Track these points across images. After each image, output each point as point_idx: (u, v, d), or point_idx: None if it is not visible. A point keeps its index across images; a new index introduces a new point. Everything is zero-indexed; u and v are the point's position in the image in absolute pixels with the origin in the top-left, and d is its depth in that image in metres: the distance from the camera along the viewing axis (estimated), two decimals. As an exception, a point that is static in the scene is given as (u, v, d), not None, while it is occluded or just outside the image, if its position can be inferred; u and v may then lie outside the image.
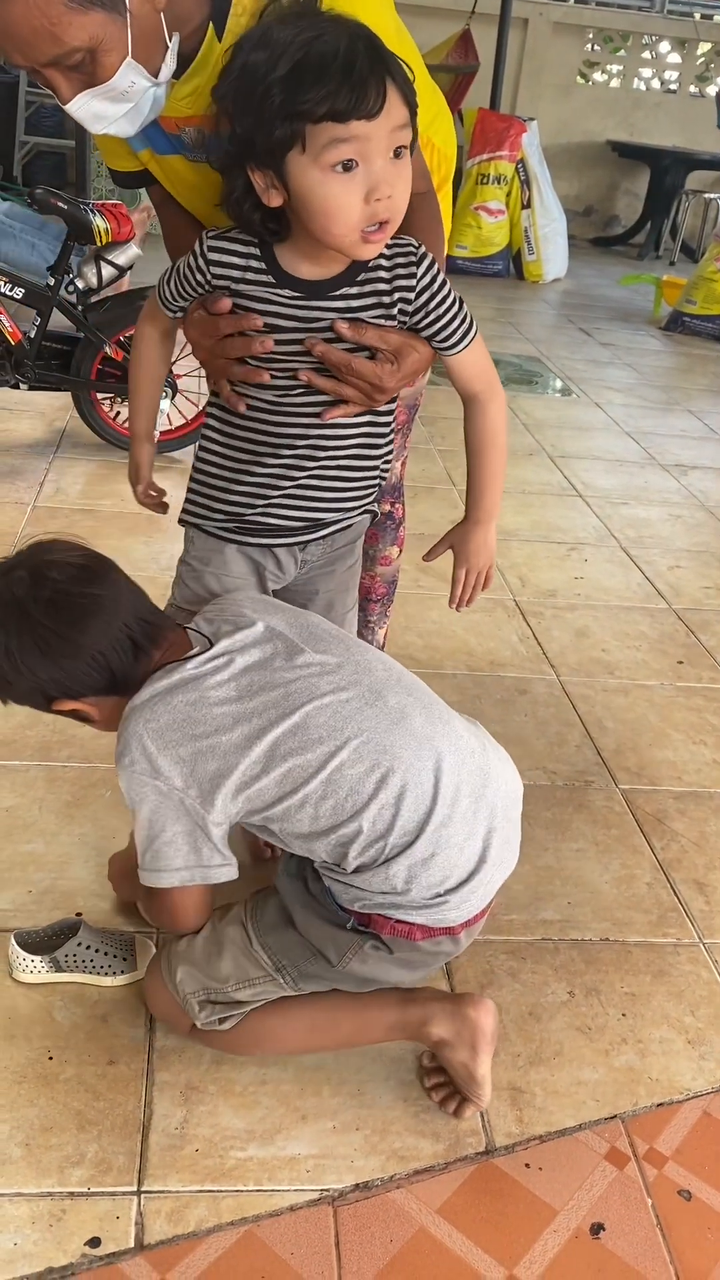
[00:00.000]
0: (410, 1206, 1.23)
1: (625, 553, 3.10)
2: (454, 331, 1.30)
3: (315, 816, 1.17)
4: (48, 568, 1.21)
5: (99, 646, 1.19)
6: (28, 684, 1.21)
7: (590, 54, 8.79)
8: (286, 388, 1.29)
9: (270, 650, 1.22)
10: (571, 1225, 1.23)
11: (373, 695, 1.20)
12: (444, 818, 1.18)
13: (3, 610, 1.19)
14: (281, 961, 1.25)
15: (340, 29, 1.11)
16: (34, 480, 3.06)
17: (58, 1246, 1.14)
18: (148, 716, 1.17)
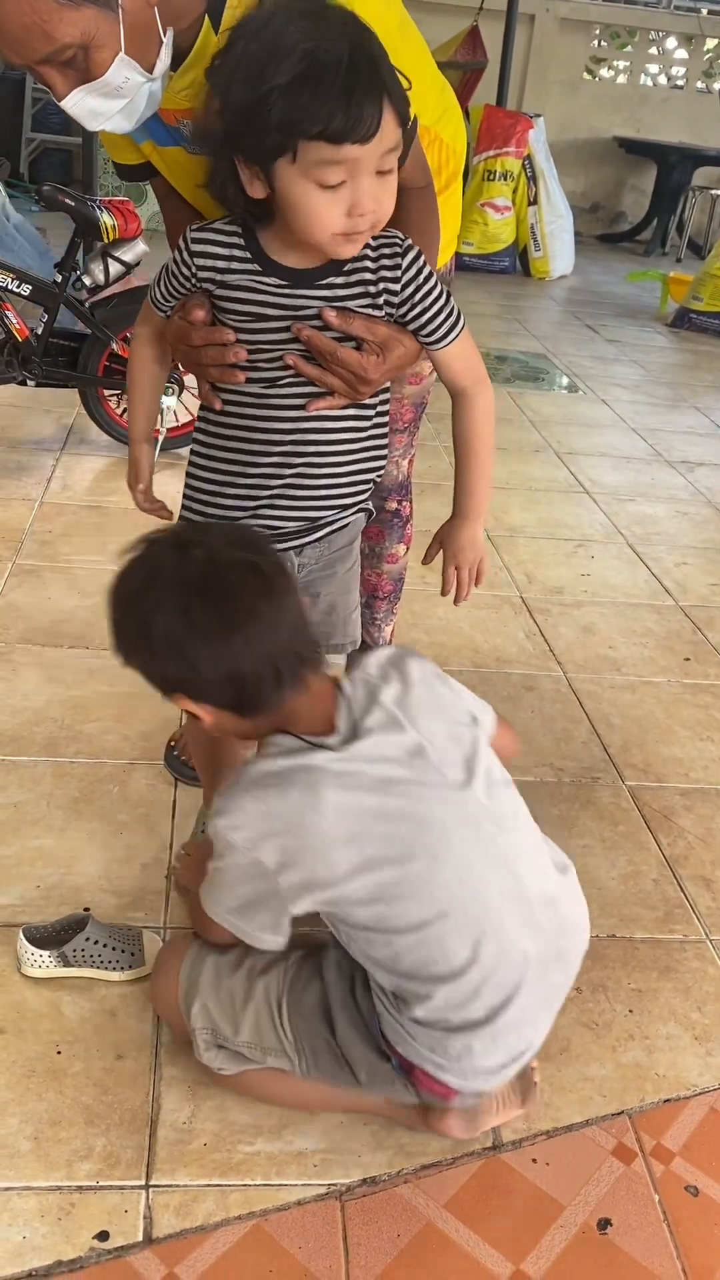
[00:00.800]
0: (417, 1201, 1.23)
1: (632, 549, 3.10)
2: (439, 325, 1.30)
3: (395, 957, 1.13)
4: (229, 567, 1.10)
5: (241, 667, 1.09)
6: (158, 667, 1.14)
7: (597, 50, 8.77)
8: (273, 379, 1.29)
9: (409, 773, 1.12)
10: (578, 1221, 1.23)
11: (494, 852, 1.14)
12: (521, 1006, 1.16)
13: (168, 588, 1.10)
14: (303, 1048, 1.23)
15: (343, 37, 1.10)
16: (41, 477, 3.07)
17: (66, 1240, 1.14)
18: (262, 796, 1.10)
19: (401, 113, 1.14)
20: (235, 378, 1.30)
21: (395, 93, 1.13)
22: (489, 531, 3.07)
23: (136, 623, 1.12)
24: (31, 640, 2.23)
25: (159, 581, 1.10)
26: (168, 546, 1.13)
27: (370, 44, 1.12)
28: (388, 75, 1.12)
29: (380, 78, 1.11)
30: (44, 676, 2.12)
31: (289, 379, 1.29)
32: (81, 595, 2.42)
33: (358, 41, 1.11)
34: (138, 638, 1.13)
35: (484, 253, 7.06)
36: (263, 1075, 1.26)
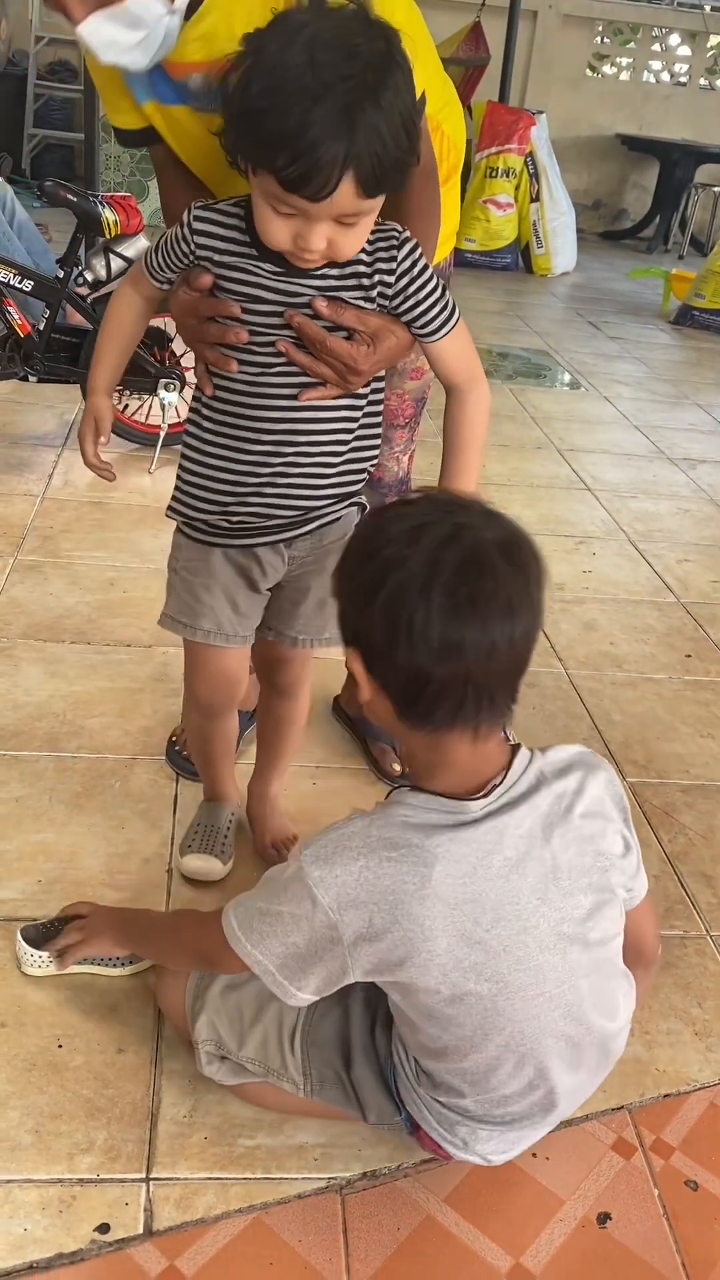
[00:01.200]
0: (417, 1195, 1.23)
1: (634, 546, 3.10)
2: (434, 319, 1.29)
3: (438, 1053, 1.10)
4: (490, 566, 0.96)
5: (433, 670, 0.96)
6: (362, 620, 0.99)
7: (600, 46, 8.76)
8: (265, 365, 1.28)
9: (532, 893, 1.04)
10: (578, 1215, 1.24)
11: (574, 1000, 1.08)
12: (549, 1118, 1.17)
13: (425, 551, 0.96)
14: (310, 1073, 1.21)
15: (348, 75, 1.03)
16: (43, 472, 3.07)
17: (67, 1232, 1.15)
18: (369, 864, 1.00)
19: (368, 184, 1.09)
20: (228, 365, 1.28)
21: (367, 163, 1.07)
22: (490, 528, 3.06)
23: (376, 565, 0.98)
24: (33, 636, 2.24)
25: (421, 539, 0.96)
26: (445, 510, 1.00)
27: (380, 91, 1.05)
28: (369, 141, 1.06)
29: (356, 146, 1.05)
30: (46, 672, 2.12)
31: (281, 367, 1.28)
32: (83, 591, 2.42)
33: (364, 84, 1.04)
34: (366, 580, 0.98)
35: (486, 249, 7.06)
36: (262, 1086, 1.26)
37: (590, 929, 1.08)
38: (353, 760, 1.98)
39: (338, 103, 1.03)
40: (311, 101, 1.03)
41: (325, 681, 2.14)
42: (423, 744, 1.05)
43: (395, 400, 1.77)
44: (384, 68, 1.07)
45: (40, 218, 4.35)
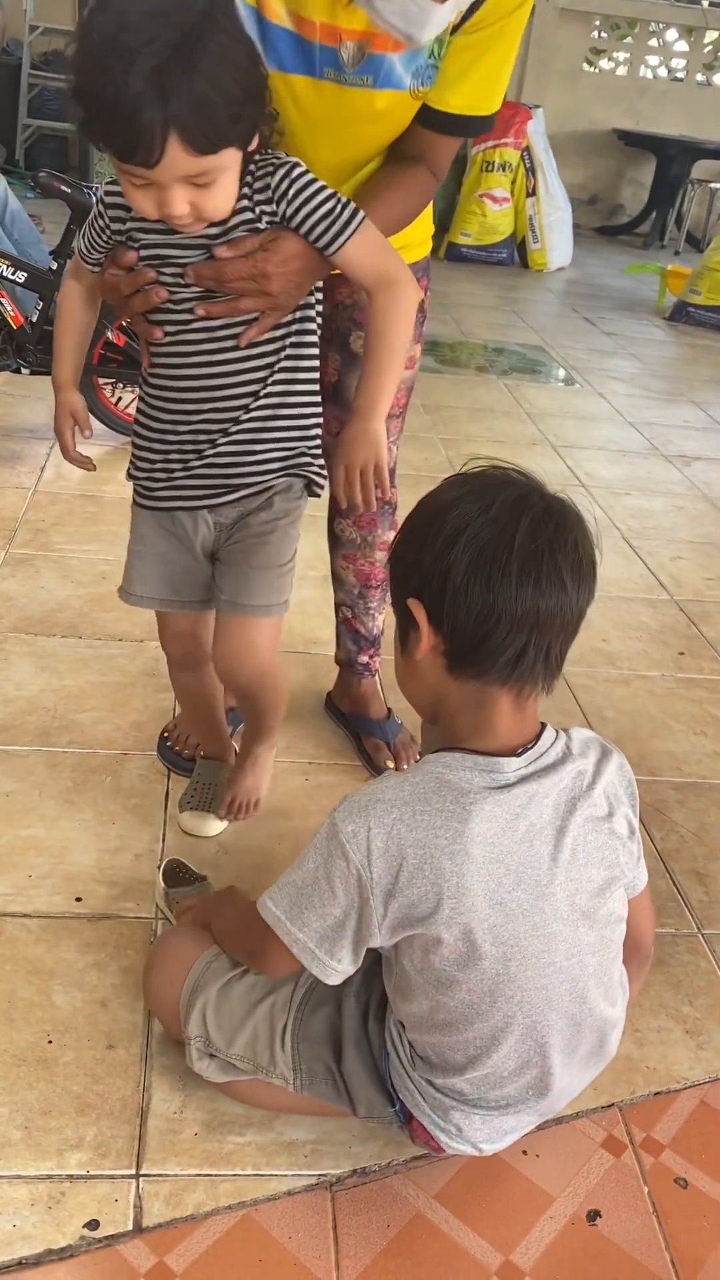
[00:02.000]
0: (407, 1192, 1.23)
1: (627, 543, 3.09)
2: (326, 230, 1.29)
3: (441, 1026, 1.10)
4: (570, 530, 1.02)
5: (503, 614, 0.99)
6: (435, 564, 1.02)
7: (597, 41, 8.74)
8: (183, 324, 1.34)
9: (553, 861, 1.06)
10: (568, 1212, 1.24)
11: (579, 977, 1.10)
12: (542, 1105, 1.17)
13: (513, 504, 1.01)
14: (300, 1069, 1.21)
15: (161, 33, 1.05)
16: (35, 465, 3.06)
17: (56, 1228, 1.14)
18: (403, 815, 1.02)
19: (198, 142, 1.11)
20: (154, 334, 1.34)
21: (190, 123, 1.08)
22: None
23: (455, 514, 1.01)
24: (24, 630, 2.23)
25: (497, 496, 1.01)
26: (507, 480, 1.05)
27: (193, 50, 1.06)
28: (185, 101, 1.07)
29: (172, 108, 1.06)
30: (37, 666, 2.11)
31: (197, 323, 1.33)
32: (75, 585, 2.41)
33: (172, 45, 1.05)
34: (444, 526, 1.01)
35: (482, 244, 7.05)
36: (252, 1085, 1.26)
37: (600, 905, 1.10)
38: (345, 756, 1.98)
39: (145, 67, 1.05)
40: (122, 70, 1.05)
41: (318, 677, 2.14)
42: (469, 700, 1.06)
43: None
44: (197, 27, 1.07)
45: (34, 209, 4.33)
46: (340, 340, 1.70)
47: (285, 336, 1.38)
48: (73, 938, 1.49)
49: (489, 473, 1.07)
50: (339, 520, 1.91)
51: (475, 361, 4.86)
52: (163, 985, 1.31)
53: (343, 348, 1.72)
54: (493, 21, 1.35)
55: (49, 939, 1.49)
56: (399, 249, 1.62)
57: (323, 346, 1.76)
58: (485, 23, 1.35)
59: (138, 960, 1.47)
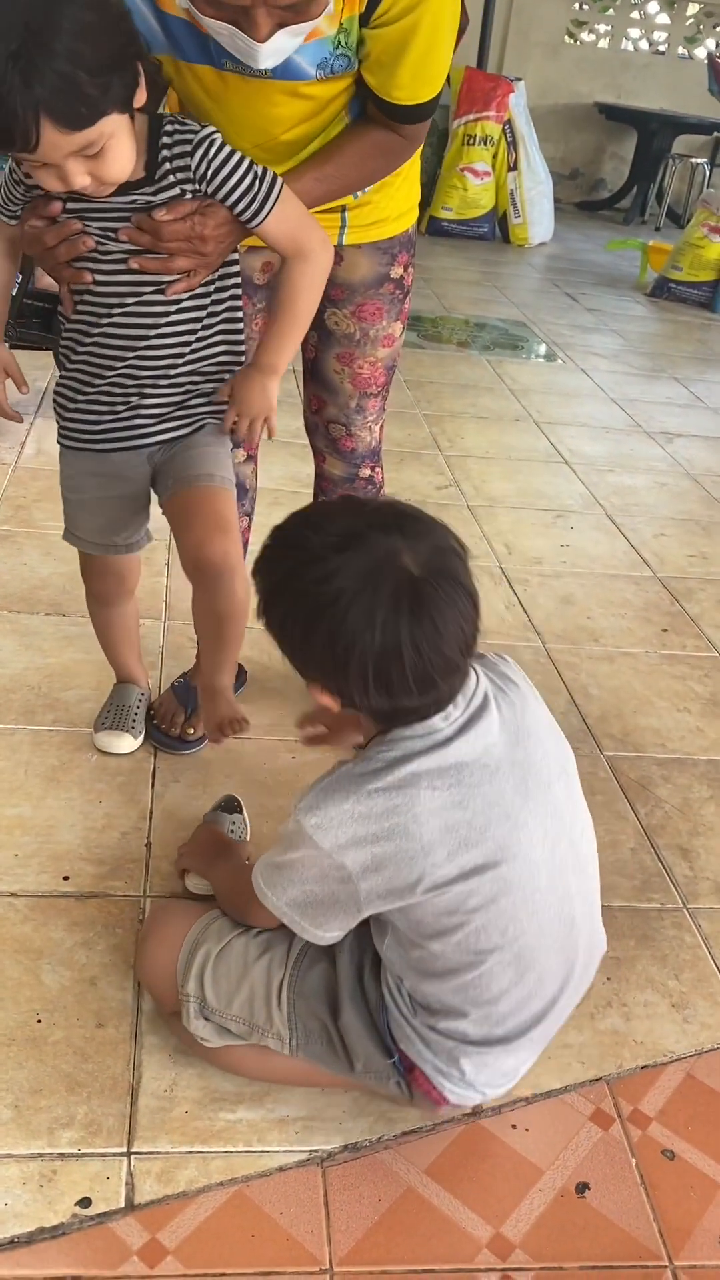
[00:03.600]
0: (398, 1167, 1.24)
1: (611, 520, 3.10)
2: (245, 207, 1.33)
3: (441, 973, 1.13)
4: (448, 575, 1.01)
5: (414, 704, 1.03)
6: (316, 663, 1.04)
7: (579, 13, 8.66)
8: (111, 273, 1.36)
9: (511, 784, 1.09)
10: (557, 1185, 1.25)
11: (563, 889, 1.14)
12: (540, 1032, 1.18)
13: (385, 578, 0.99)
14: (296, 1028, 1.22)
15: (11, 14, 1.06)
16: (15, 441, 3.02)
17: (48, 1206, 1.14)
18: (360, 799, 1.05)
19: (70, 119, 1.12)
20: (83, 278, 1.36)
21: (56, 104, 1.09)
22: (468, 500, 3.06)
23: (349, 621, 0.99)
24: (7, 607, 2.21)
25: (391, 583, 0.99)
26: (383, 528, 1.01)
27: (44, 30, 1.06)
28: (46, 84, 1.08)
29: (34, 93, 1.08)
30: (20, 644, 2.09)
31: (126, 275, 1.35)
32: (58, 561, 2.39)
33: (27, 28, 1.06)
34: (338, 640, 1.00)
35: (463, 218, 6.99)
36: (244, 1051, 1.26)
37: (572, 825, 1.16)
38: (331, 734, 1.98)
39: (3, 54, 1.06)
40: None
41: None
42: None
43: (369, 369, 1.75)
44: (49, 5, 1.08)
45: (11, 179, 4.26)
46: (316, 318, 1.68)
47: (212, 291, 1.42)
48: (61, 916, 1.49)
49: (366, 540, 1.00)
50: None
51: (457, 337, 4.84)
52: (157, 951, 1.31)
53: (318, 325, 1.70)
54: (400, 13, 1.32)
55: (37, 918, 1.48)
56: (374, 223, 1.62)
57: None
58: (391, 15, 1.32)
59: (126, 939, 1.46)
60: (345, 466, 1.85)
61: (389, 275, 1.69)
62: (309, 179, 1.45)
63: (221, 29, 1.22)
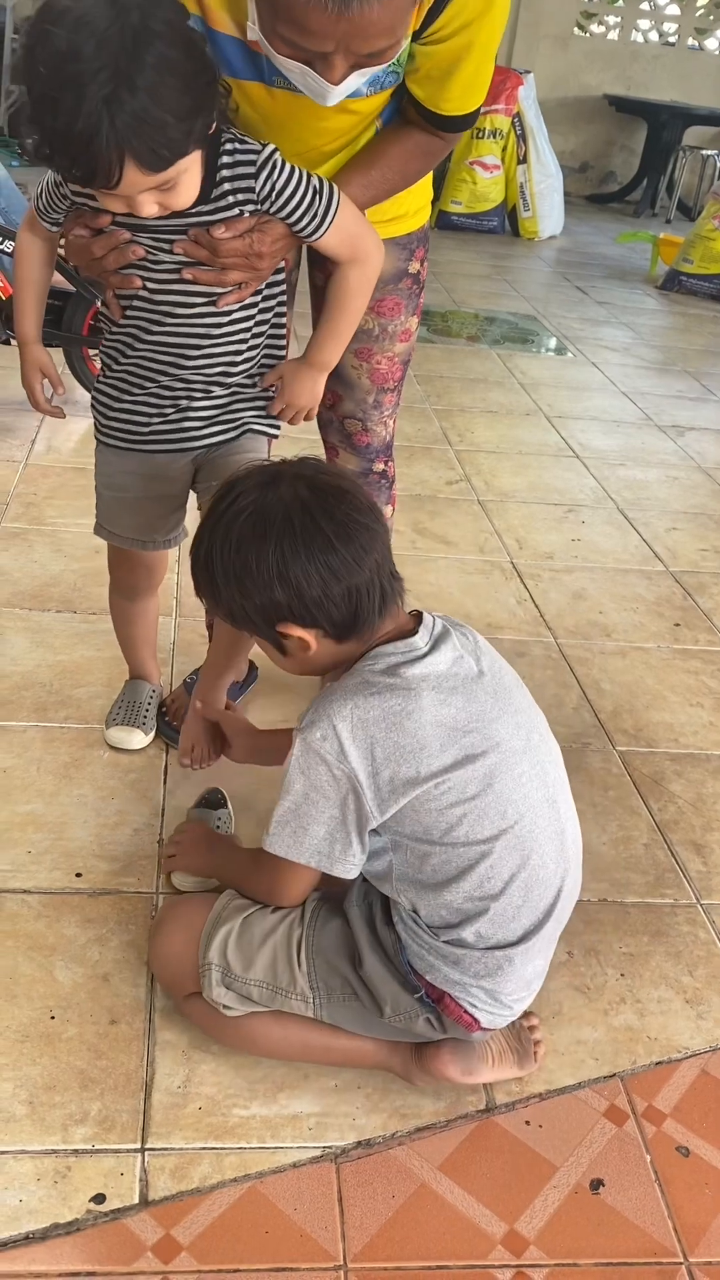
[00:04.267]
0: (412, 1163, 1.24)
1: (623, 515, 3.08)
2: (306, 224, 1.35)
3: (450, 880, 1.18)
4: (338, 495, 1.16)
5: (362, 580, 1.14)
6: (277, 597, 1.14)
7: (588, 5, 8.62)
8: (163, 282, 1.36)
9: (483, 694, 1.19)
10: (571, 1181, 1.24)
11: (544, 781, 1.22)
12: (545, 935, 1.23)
13: (288, 516, 1.13)
14: (318, 985, 1.25)
15: (90, 64, 1.06)
16: (25, 438, 3.02)
17: (63, 1203, 1.15)
18: (358, 704, 1.14)
19: (151, 162, 1.14)
20: (132, 283, 1.36)
21: (140, 147, 1.11)
22: (479, 495, 3.05)
23: (258, 555, 1.12)
24: (18, 604, 2.21)
25: (273, 512, 1.13)
26: (265, 484, 1.16)
27: (136, 73, 1.07)
28: (134, 128, 1.09)
29: (122, 136, 1.09)
30: (32, 641, 2.09)
31: (181, 284, 1.36)
32: (68, 559, 2.39)
33: (117, 72, 1.06)
34: (260, 569, 1.13)
35: (473, 212, 6.98)
36: (265, 1021, 1.28)
37: (537, 721, 1.26)
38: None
39: (95, 99, 1.06)
40: (73, 102, 1.07)
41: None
42: (360, 644, 1.20)
43: (386, 364, 1.75)
44: (136, 43, 1.08)
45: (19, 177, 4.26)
46: None
47: (260, 300, 1.43)
48: (73, 913, 1.49)
49: (249, 496, 1.15)
50: None
51: (467, 331, 4.82)
52: (172, 936, 1.32)
53: None
54: (454, 30, 1.32)
55: (50, 915, 1.48)
56: (393, 219, 1.61)
57: (315, 317, 1.74)
58: (445, 32, 1.32)
59: (139, 935, 1.46)
60: (359, 461, 1.85)
61: (406, 270, 1.68)
62: (356, 185, 1.45)
63: (294, 67, 1.20)
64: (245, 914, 1.29)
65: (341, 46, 1.14)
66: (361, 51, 1.16)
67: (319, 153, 1.48)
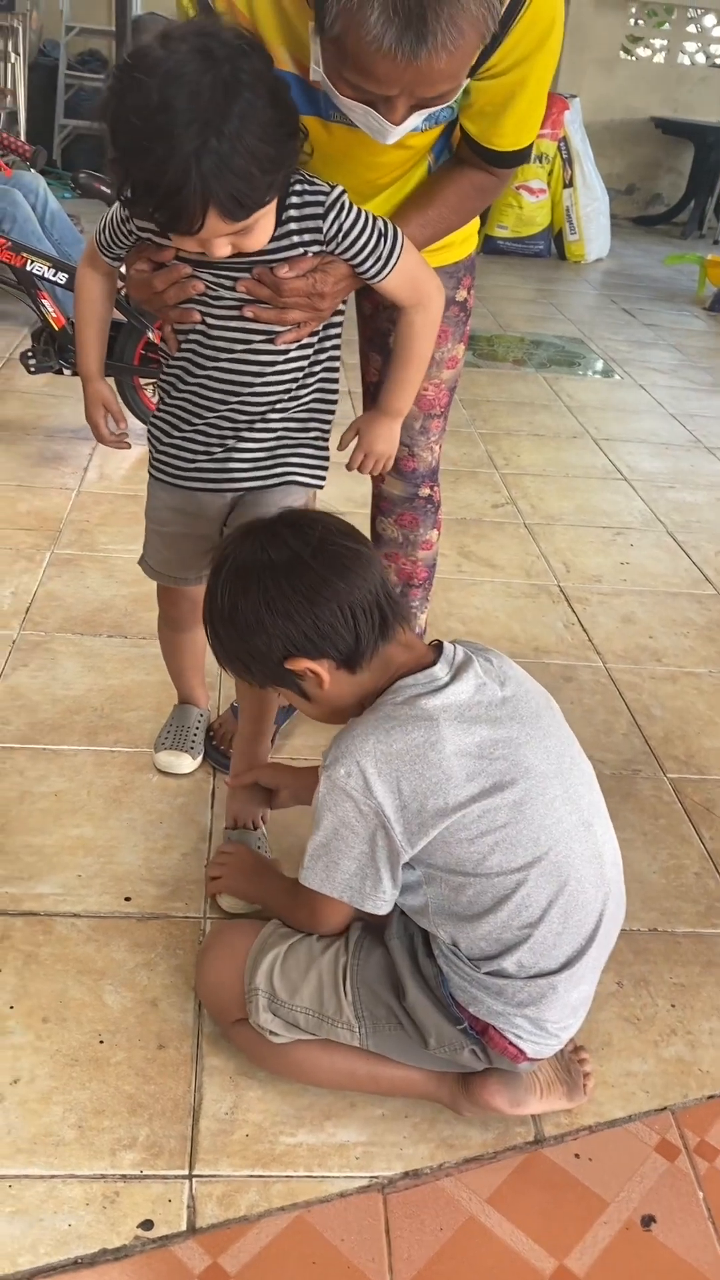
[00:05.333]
0: (460, 1195, 1.23)
1: (672, 538, 3.06)
2: (371, 266, 1.36)
3: (487, 911, 1.17)
4: (311, 522, 1.22)
5: (355, 600, 1.17)
6: (277, 634, 1.17)
7: (634, 29, 8.64)
8: (221, 318, 1.37)
9: (508, 720, 1.19)
10: (622, 1217, 1.23)
11: (577, 806, 1.21)
12: (589, 960, 1.21)
13: (263, 548, 1.19)
14: (363, 1014, 1.25)
15: (182, 116, 1.08)
16: (78, 465, 3.08)
17: (111, 1228, 1.15)
18: (380, 739, 1.14)
19: (232, 211, 1.16)
20: (191, 317, 1.37)
21: (223, 196, 1.13)
22: (525, 519, 3.04)
23: (244, 592, 1.18)
24: (70, 629, 2.24)
25: (249, 554, 1.19)
26: (242, 537, 1.22)
27: (224, 123, 1.09)
28: (220, 177, 1.11)
29: (208, 184, 1.11)
30: (83, 665, 2.12)
31: (238, 320, 1.36)
32: (119, 584, 2.42)
33: (206, 124, 1.09)
34: (248, 605, 1.18)
35: (518, 236, 6.99)
36: (311, 1049, 1.28)
37: (569, 745, 1.24)
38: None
39: (184, 151, 1.09)
40: (163, 153, 1.09)
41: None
42: (377, 672, 1.21)
43: (433, 390, 1.76)
44: (227, 97, 1.10)
45: (72, 209, 4.36)
46: (380, 340, 1.70)
47: (316, 343, 1.43)
48: (122, 937, 1.50)
49: (228, 551, 1.23)
50: (381, 519, 1.91)
51: (513, 354, 4.83)
52: (219, 962, 1.33)
53: (383, 347, 1.71)
54: (509, 66, 1.33)
55: (99, 939, 1.49)
56: (441, 247, 1.62)
57: (364, 346, 1.76)
58: (500, 68, 1.33)
59: (187, 960, 1.47)
60: (405, 486, 1.86)
61: (454, 299, 1.70)
62: (414, 224, 1.47)
63: (356, 108, 1.22)
64: (291, 940, 1.29)
65: (406, 91, 1.15)
66: (426, 96, 1.17)
67: (372, 186, 1.49)
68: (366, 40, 1.07)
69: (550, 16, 1.31)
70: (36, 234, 3.65)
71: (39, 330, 3.16)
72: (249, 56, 1.13)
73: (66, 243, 3.89)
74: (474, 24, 1.08)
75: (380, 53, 1.08)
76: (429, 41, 1.06)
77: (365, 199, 1.48)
